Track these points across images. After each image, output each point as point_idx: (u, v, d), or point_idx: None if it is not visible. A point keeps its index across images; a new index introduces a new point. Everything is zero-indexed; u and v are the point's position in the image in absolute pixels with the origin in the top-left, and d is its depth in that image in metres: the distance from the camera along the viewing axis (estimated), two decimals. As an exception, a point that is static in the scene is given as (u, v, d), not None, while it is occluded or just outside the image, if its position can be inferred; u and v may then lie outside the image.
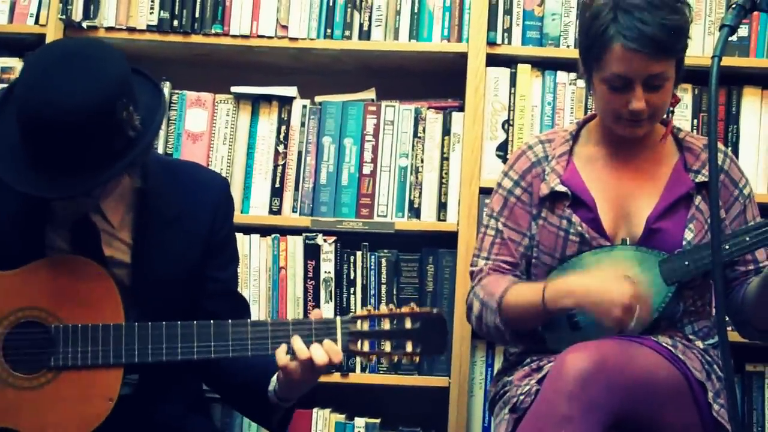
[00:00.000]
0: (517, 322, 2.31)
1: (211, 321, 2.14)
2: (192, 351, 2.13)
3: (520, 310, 2.29)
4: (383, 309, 2.16)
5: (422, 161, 2.92)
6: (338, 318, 2.15)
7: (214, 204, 2.31)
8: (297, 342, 2.11)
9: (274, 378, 2.22)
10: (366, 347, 2.14)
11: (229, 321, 2.15)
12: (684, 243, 2.29)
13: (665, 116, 2.41)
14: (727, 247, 2.23)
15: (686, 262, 2.25)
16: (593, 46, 2.26)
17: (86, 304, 2.12)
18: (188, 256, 2.26)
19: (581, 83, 2.85)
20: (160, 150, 2.93)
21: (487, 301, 2.33)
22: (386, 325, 2.14)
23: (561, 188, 2.35)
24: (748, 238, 2.23)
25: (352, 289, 2.88)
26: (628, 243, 2.30)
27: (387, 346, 2.13)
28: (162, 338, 2.12)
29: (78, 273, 2.13)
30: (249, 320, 2.18)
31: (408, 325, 2.14)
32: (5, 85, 2.90)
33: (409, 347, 2.14)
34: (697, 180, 2.34)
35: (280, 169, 2.94)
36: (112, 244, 2.20)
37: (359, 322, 2.14)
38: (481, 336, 2.40)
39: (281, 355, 2.11)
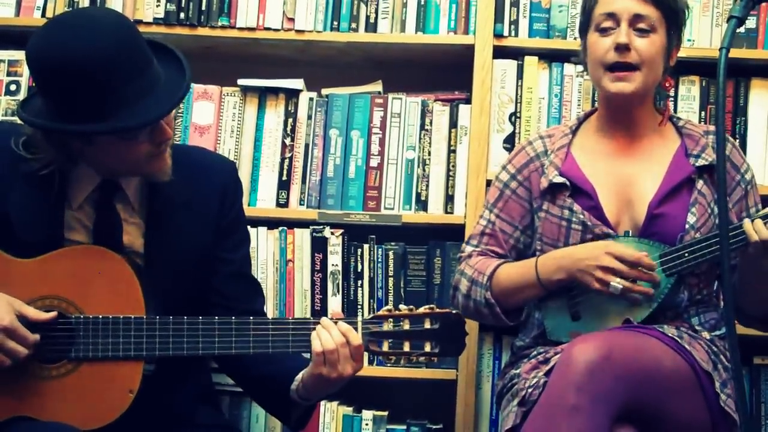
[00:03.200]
0: (509, 297, 2.37)
1: (233, 318, 2.16)
2: (213, 346, 2.15)
3: (513, 286, 2.36)
4: (403, 309, 2.18)
5: (429, 154, 2.92)
6: (359, 318, 2.17)
7: (222, 187, 2.34)
8: (325, 320, 2.14)
9: (299, 377, 2.23)
10: (386, 347, 2.16)
11: (251, 318, 2.17)
12: (687, 227, 2.30)
13: (660, 102, 2.45)
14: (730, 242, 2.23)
15: (686, 254, 2.26)
16: (586, 6, 2.41)
17: (107, 295, 2.14)
18: (199, 239, 2.28)
19: (588, 75, 2.84)
20: (167, 143, 2.93)
21: (477, 278, 2.39)
22: (406, 325, 2.16)
23: (559, 179, 2.38)
24: None
25: (359, 282, 2.88)
26: (630, 234, 2.32)
27: (406, 346, 2.16)
28: (183, 333, 2.14)
29: (100, 264, 2.15)
30: (270, 318, 2.20)
31: (427, 325, 2.16)
32: (13, 78, 2.92)
33: (427, 347, 2.16)
34: (697, 164, 2.36)
35: (287, 161, 2.94)
36: (128, 230, 2.23)
37: (380, 322, 2.16)
38: (467, 316, 2.42)
39: (316, 342, 2.11)
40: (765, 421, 2.81)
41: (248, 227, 2.80)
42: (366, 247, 2.89)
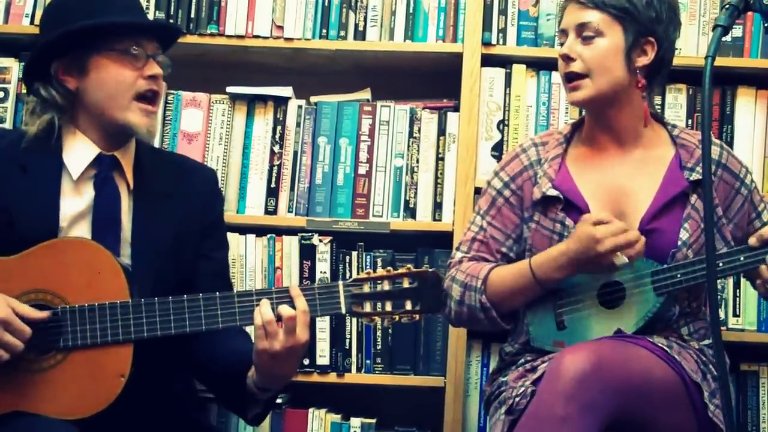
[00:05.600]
0: (504, 300, 2.34)
1: (217, 293, 2.19)
2: (200, 323, 2.17)
3: (508, 289, 2.33)
4: (381, 271, 2.24)
5: (417, 161, 2.92)
6: (340, 282, 2.22)
7: (204, 188, 2.44)
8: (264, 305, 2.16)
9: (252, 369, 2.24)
10: (368, 308, 2.21)
11: (235, 291, 2.22)
12: (679, 243, 2.28)
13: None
14: (720, 264, 2.23)
15: (678, 275, 2.25)
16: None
17: (91, 285, 2.16)
18: (181, 229, 2.33)
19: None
20: (156, 150, 2.94)
21: (470, 282, 2.36)
22: (386, 285, 2.22)
23: (552, 192, 2.36)
24: (742, 258, 2.24)
25: (347, 289, 2.88)
26: None
27: (388, 306, 2.22)
28: (169, 311, 2.16)
29: (82, 255, 2.17)
30: (254, 289, 2.23)
31: (406, 284, 2.23)
32: (2, 86, 2.92)
33: (408, 305, 2.22)
34: (691, 178, 2.34)
35: (275, 169, 2.94)
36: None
37: (360, 284, 2.21)
38: (460, 324, 2.43)
39: (256, 316, 2.14)
40: (751, 428, 2.82)
41: (237, 234, 2.83)
42: (354, 254, 2.89)
